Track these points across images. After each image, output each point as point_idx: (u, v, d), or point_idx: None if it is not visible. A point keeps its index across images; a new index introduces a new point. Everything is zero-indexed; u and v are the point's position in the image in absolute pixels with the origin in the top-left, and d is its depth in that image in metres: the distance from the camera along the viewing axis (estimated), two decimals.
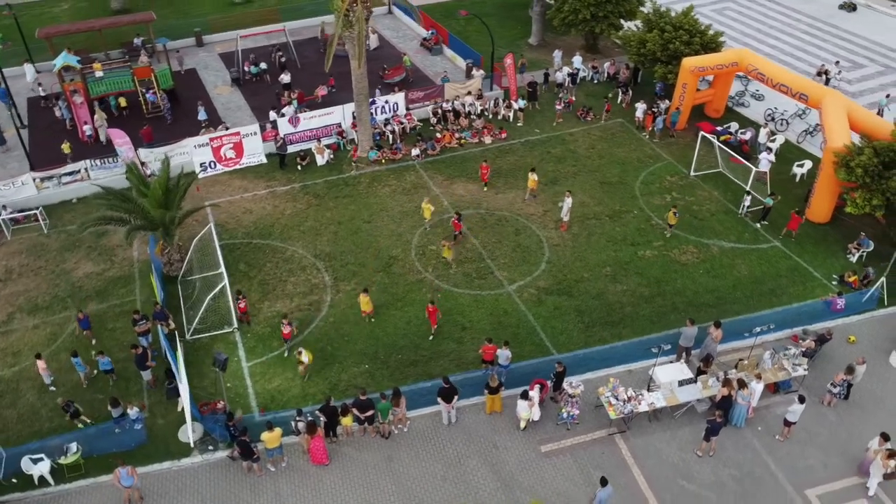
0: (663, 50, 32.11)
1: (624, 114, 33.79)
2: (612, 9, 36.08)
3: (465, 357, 21.74)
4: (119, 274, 24.89)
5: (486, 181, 28.70)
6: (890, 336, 22.25)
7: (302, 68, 37.18)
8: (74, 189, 28.49)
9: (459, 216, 25.66)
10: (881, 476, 17.78)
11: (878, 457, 17.70)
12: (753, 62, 29.49)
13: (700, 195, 28.40)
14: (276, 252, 25.79)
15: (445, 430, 19.68)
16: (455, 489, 18.26)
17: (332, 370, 21.32)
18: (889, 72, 37.31)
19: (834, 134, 25.49)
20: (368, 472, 18.66)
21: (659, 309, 23.33)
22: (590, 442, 19.39)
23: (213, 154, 29.81)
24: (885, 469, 17.57)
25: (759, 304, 23.48)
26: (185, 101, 34.35)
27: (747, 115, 33.61)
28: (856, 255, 25.09)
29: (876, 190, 23.86)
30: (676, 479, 18.48)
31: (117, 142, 27.67)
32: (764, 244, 26.00)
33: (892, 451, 17.54)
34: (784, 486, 18.24)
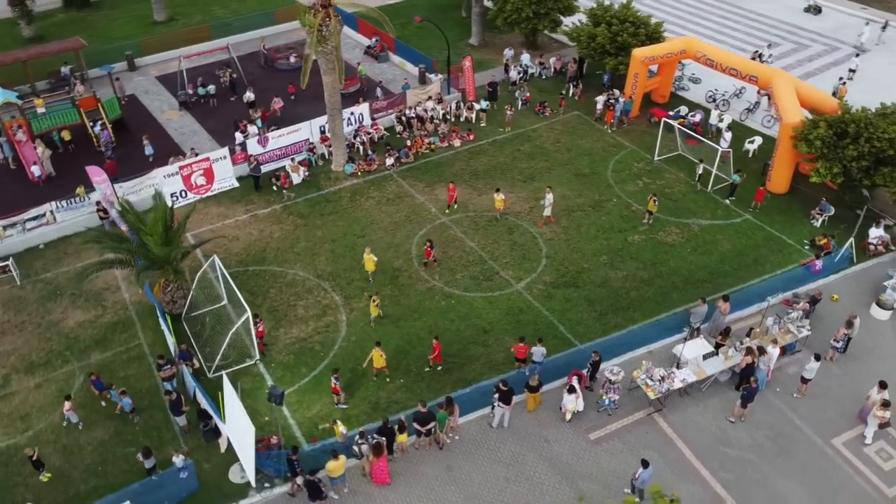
0: (612, 43, 33.62)
1: (578, 106, 35.12)
2: (552, 5, 37.36)
3: (495, 358, 22.23)
4: (115, 319, 23.64)
5: (453, 202, 28.11)
6: (866, 290, 24.52)
7: (250, 84, 36.20)
8: (40, 234, 26.70)
9: (431, 244, 25.27)
10: (876, 426, 19.64)
11: (874, 407, 19.58)
12: (701, 49, 31.45)
13: (668, 178, 30.05)
14: (276, 277, 25.26)
15: (495, 433, 20.12)
16: (519, 488, 18.77)
17: (368, 389, 21.26)
18: (802, 48, 40.58)
19: (788, 111, 27.66)
20: (432, 485, 18.84)
21: (661, 290, 24.65)
22: (632, 424, 20.38)
23: (183, 182, 28.70)
24: (878, 420, 19.43)
25: (747, 275, 25.27)
26: (135, 130, 32.78)
27: (690, 98, 35.68)
28: (819, 220, 27.37)
29: (834, 159, 26.15)
30: (718, 446, 19.76)
31: (95, 179, 26.15)
32: (737, 218, 27.90)
33: (887, 402, 19.41)
34: (813, 438, 19.89)
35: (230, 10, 45.50)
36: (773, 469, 19.14)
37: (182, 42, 39.24)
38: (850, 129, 25.86)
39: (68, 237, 27.09)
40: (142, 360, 22.17)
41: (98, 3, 46.48)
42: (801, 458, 19.41)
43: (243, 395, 20.85)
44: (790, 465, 19.23)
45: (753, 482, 18.83)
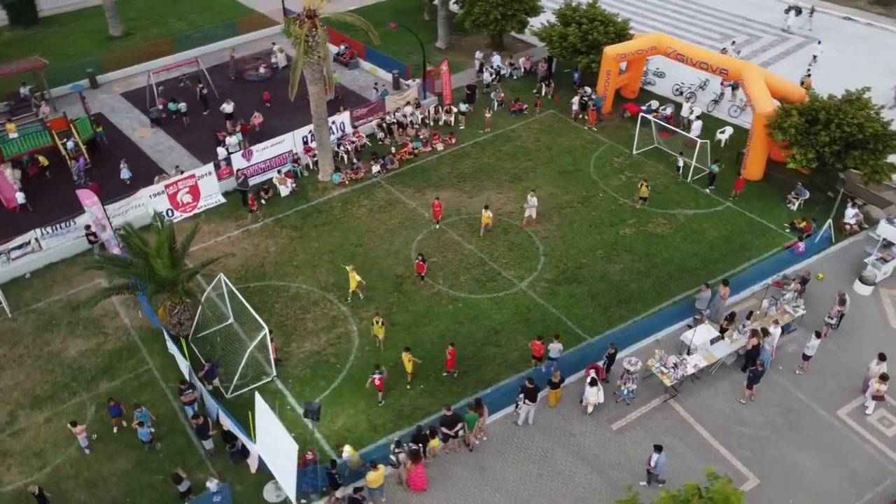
0: (583, 41, 34.42)
1: (553, 105, 35.81)
2: (519, 7, 37.98)
3: (510, 357, 22.63)
4: (119, 345, 23.05)
5: (439, 219, 27.77)
6: (848, 268, 25.90)
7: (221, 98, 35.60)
8: (26, 263, 25.75)
9: (423, 258, 25.08)
10: (872, 399, 20.85)
11: (874, 379, 20.80)
12: (671, 45, 32.52)
13: (649, 171, 30.99)
14: (279, 292, 25.05)
15: (521, 431, 20.52)
16: (553, 483, 19.21)
17: (391, 397, 21.35)
18: (754, 40, 42.31)
19: (760, 101, 28.93)
20: (468, 487, 19.11)
21: (658, 280, 25.49)
22: (651, 412, 21.08)
23: (169, 201, 28.11)
24: (874, 392, 20.64)
25: (736, 261, 26.35)
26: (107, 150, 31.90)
27: (657, 92, 36.84)
28: (795, 204, 28.73)
29: (807, 145, 27.49)
30: (734, 426, 20.63)
31: (86, 203, 25.32)
32: (718, 206, 29.02)
33: (885, 375, 20.66)
34: (819, 412, 20.97)
35: (188, 21, 44.55)
36: (787, 443, 20.12)
37: (145, 57, 38.26)
38: (821, 116, 27.24)
39: (55, 264, 26.23)
40: (154, 386, 21.70)
41: (47, 20, 44.81)
42: (811, 431, 20.45)
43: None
44: (802, 439, 20.25)
45: (771, 458, 19.76)
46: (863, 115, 26.70)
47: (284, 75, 38.67)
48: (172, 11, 46.13)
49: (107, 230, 25.22)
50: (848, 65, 38.66)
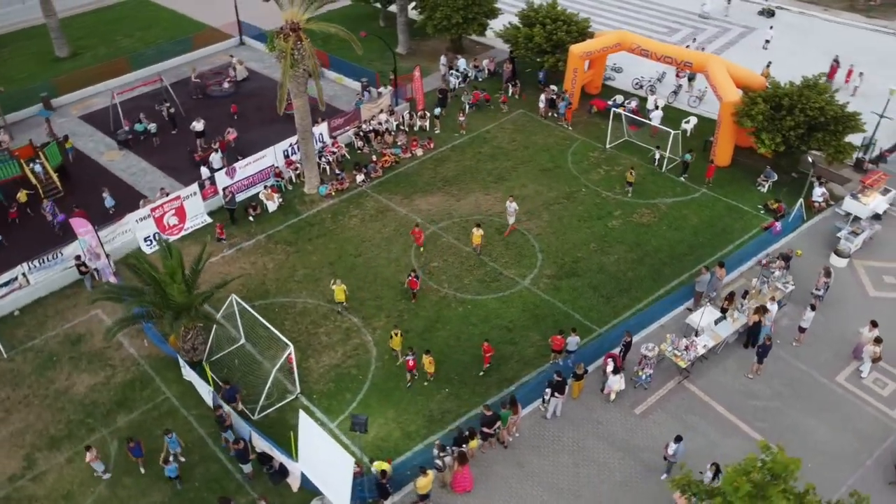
0: (548, 41, 35.34)
1: (521, 104, 36.60)
2: (478, 10, 38.62)
3: (526, 354, 23.21)
4: (129, 376, 22.41)
5: (421, 244, 27.19)
6: (821, 243, 27.58)
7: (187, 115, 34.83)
8: (13, 300, 24.66)
9: (416, 275, 24.91)
10: (870, 361, 22.50)
11: (868, 343, 22.40)
12: (635, 41, 33.79)
13: (625, 163, 32.11)
14: (286, 308, 24.85)
15: (550, 423, 21.11)
16: (590, 471, 19.87)
17: (418, 404, 21.58)
18: (699, 32, 44.25)
19: (726, 91, 30.46)
20: (510, 483, 19.56)
21: (652, 267, 26.56)
22: (668, 394, 22.04)
23: (156, 225, 27.41)
24: (872, 355, 22.29)
25: (720, 243, 27.71)
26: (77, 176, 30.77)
27: (617, 87, 38.13)
28: (765, 186, 30.41)
29: (774, 130, 29.15)
30: (746, 401, 21.80)
31: (79, 231, 24.41)
32: (695, 193, 30.40)
33: (879, 338, 22.30)
34: (820, 379, 22.38)
35: (136, 39, 43.26)
36: (796, 412, 21.42)
37: (101, 77, 37.03)
38: (785, 103, 28.94)
39: (44, 299, 25.25)
40: (175, 414, 21.24)
41: None
42: (816, 398, 21.84)
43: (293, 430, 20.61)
44: (809, 406, 21.60)
45: (785, 427, 20.99)
46: (823, 100, 28.54)
47: (247, 88, 38.37)
48: (117, 29, 44.70)
49: (101, 258, 24.42)
50: (786, 51, 40.92)
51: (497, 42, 41.66)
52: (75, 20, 45.63)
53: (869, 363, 22.28)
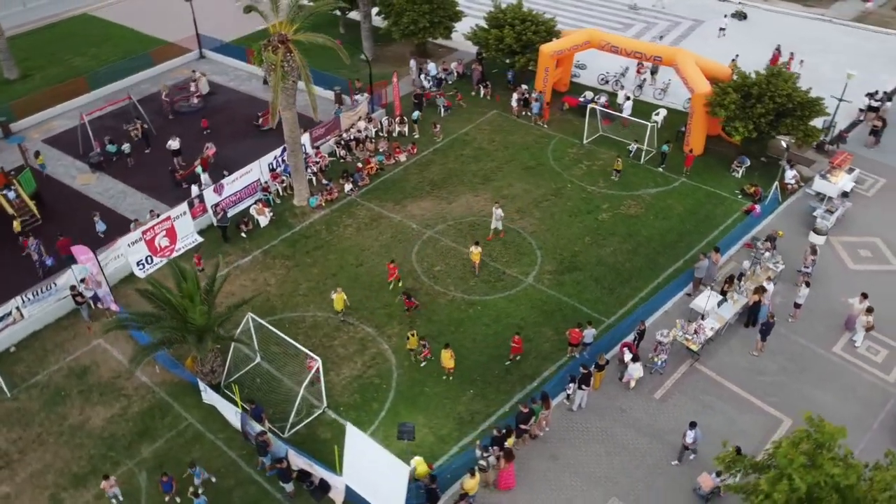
0: (517, 42, 35.96)
1: (494, 105, 37.11)
2: (443, 14, 38.95)
3: (543, 349, 23.70)
4: (147, 405, 21.80)
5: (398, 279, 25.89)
6: (799, 222, 29.06)
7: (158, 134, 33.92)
8: (8, 336, 23.59)
9: (409, 295, 24.50)
10: (864, 331, 23.95)
11: (860, 314, 23.86)
12: (604, 38, 34.76)
13: (605, 157, 33.04)
14: (296, 323, 24.61)
15: (577, 415, 21.66)
16: (622, 458, 20.50)
17: (446, 408, 21.78)
18: (651, 26, 45.79)
19: (696, 83, 31.73)
20: (548, 476, 20.00)
21: (648, 257, 27.46)
22: (682, 377, 22.91)
23: (147, 248, 26.67)
24: (865, 325, 23.76)
25: (707, 229, 28.86)
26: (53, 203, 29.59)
27: (582, 83, 39.09)
28: (739, 172, 31.83)
29: (746, 118, 30.55)
30: (755, 377, 22.87)
31: (81, 259, 23.50)
32: (675, 183, 31.55)
33: (871, 308, 23.76)
34: (819, 352, 23.67)
35: (90, 57, 41.78)
36: (802, 384, 22.60)
37: (60, 98, 35.64)
38: (754, 91, 30.38)
39: (39, 332, 24.27)
40: (202, 440, 20.81)
41: None
42: (818, 370, 23.09)
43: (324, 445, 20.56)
44: (813, 378, 22.82)
45: (794, 399, 22.10)
46: (790, 87, 30.10)
47: (214, 103, 37.64)
48: (67, 48, 43.05)
49: (102, 286, 23.65)
50: (730, 41, 42.55)
51: (460, 45, 42.13)
52: (17, 40, 43.57)
53: (862, 333, 23.70)
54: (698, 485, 19.44)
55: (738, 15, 44.58)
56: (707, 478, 19.31)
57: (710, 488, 19.20)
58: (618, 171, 31.18)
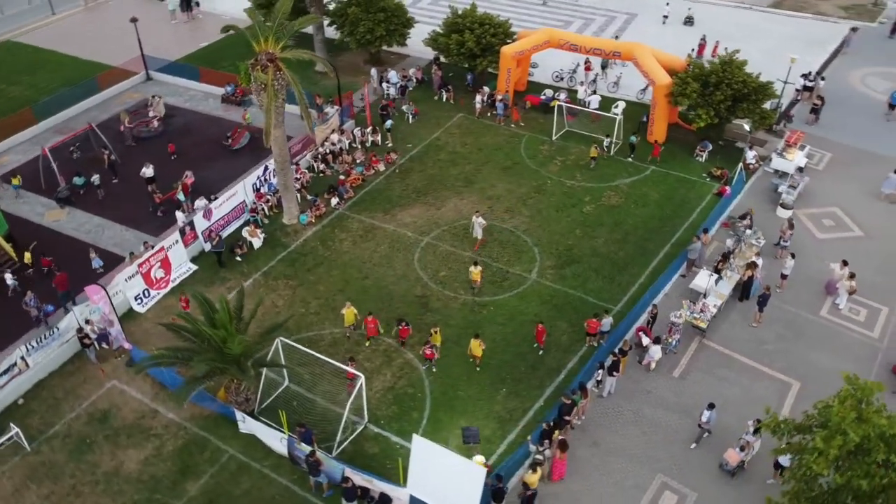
0: (478, 45, 36.69)
1: (459, 108, 37.69)
2: (398, 21, 39.22)
3: (562, 342, 24.57)
4: (181, 442, 21.22)
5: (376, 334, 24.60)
6: (764, 199, 31.16)
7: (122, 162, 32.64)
8: (14, 389, 22.33)
9: (405, 322, 24.15)
10: (847, 294, 26.10)
11: (842, 280, 25.97)
12: (563, 37, 35.99)
13: (576, 152, 34.26)
14: (315, 342, 24.44)
15: (607, 401, 22.65)
16: (658, 436, 21.64)
17: (484, 409, 22.28)
18: (589, 22, 47.57)
19: (657, 75, 33.41)
20: (595, 462, 20.88)
21: (637, 244, 28.77)
22: (695, 354, 24.30)
23: (144, 281, 25.78)
24: (848, 289, 25.90)
25: (684, 213, 30.52)
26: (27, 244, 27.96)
27: (540, 81, 40.23)
28: (703, 156, 33.77)
29: (707, 105, 32.45)
30: (759, 346, 24.54)
31: (94, 298, 22.42)
32: (646, 171, 33.12)
33: (853, 273, 25.91)
34: (808, 317, 25.62)
35: (25, 86, 39.54)
36: (801, 349, 24.42)
37: (7, 131, 33.68)
38: (712, 79, 32.32)
39: (44, 381, 23.13)
40: (248, 470, 20.48)
41: None
42: (812, 334, 24.99)
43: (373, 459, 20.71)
44: (809, 342, 24.68)
45: (799, 363, 23.88)
46: (743, 73, 32.22)
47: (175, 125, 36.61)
48: None
49: (114, 325, 22.77)
50: (662, 30, 44.95)
51: (411, 51, 42.47)
52: None
53: (845, 296, 25.83)
54: (725, 460, 20.67)
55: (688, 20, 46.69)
56: (733, 453, 20.58)
57: (737, 462, 20.53)
58: (594, 159, 32.51)
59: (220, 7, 49.25)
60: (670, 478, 20.53)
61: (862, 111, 37.19)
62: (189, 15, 47.35)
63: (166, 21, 46.91)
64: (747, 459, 20.66)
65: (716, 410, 21.16)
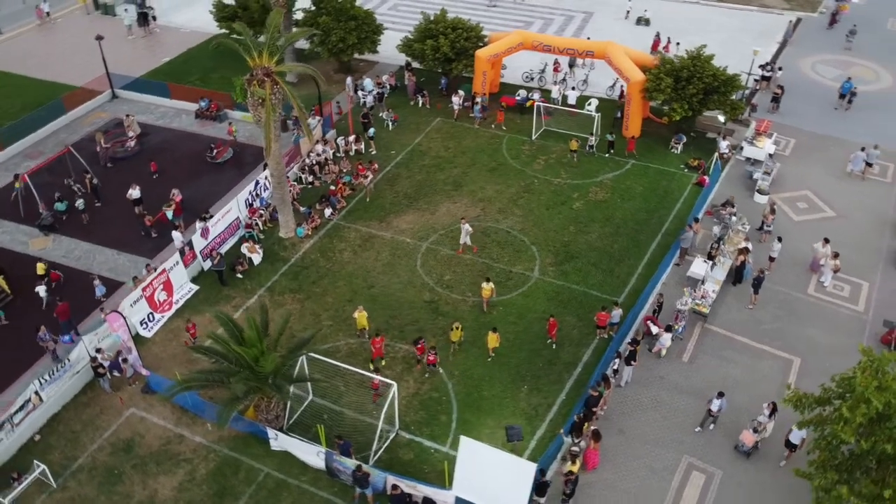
0: (452, 49, 37.15)
1: (436, 112, 38.06)
2: (367, 29, 39.34)
3: (573, 336, 25.29)
4: (214, 465, 20.98)
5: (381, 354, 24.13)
6: (741, 186, 32.63)
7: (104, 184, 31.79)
8: (29, 425, 21.63)
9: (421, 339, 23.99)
10: (831, 272, 27.66)
11: (826, 258, 27.53)
12: (536, 38, 36.81)
13: (557, 150, 35.10)
14: (332, 354, 24.32)
15: (626, 390, 23.46)
16: (678, 419, 22.57)
17: (509, 407, 22.78)
18: (549, 22, 48.61)
19: (630, 73, 34.55)
20: (623, 449, 21.64)
21: (629, 237, 29.76)
22: (699, 338, 25.38)
23: (148, 305, 25.28)
24: (833, 268, 27.48)
25: (668, 203, 31.72)
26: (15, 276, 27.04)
27: (509, 82, 40.96)
28: (678, 148, 35.10)
29: (680, 99, 33.76)
30: (758, 326, 25.80)
31: (114, 326, 21.83)
32: (627, 166, 34.22)
33: (836, 253, 27.48)
34: (798, 295, 27.04)
35: None
36: (796, 327, 25.80)
37: None
38: (684, 74, 33.67)
39: (59, 415, 22.50)
40: (286, 488, 20.45)
41: None
42: (803, 312, 26.41)
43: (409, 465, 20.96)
44: (802, 319, 26.08)
45: (795, 341, 25.21)
46: (713, 67, 33.67)
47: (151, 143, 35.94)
48: None
49: (132, 352, 22.30)
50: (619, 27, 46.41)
51: (381, 57, 42.57)
52: None
53: (830, 274, 27.39)
54: (741, 442, 21.65)
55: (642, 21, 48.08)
56: (748, 434, 21.57)
57: (752, 444, 21.58)
58: (574, 152, 33.47)
59: (176, 20, 48.28)
60: (696, 458, 21.49)
61: (816, 98, 39.27)
62: (146, 30, 46.26)
63: (122, 37, 45.66)
64: (760, 440, 21.72)
65: (725, 399, 22.02)
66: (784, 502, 20.21)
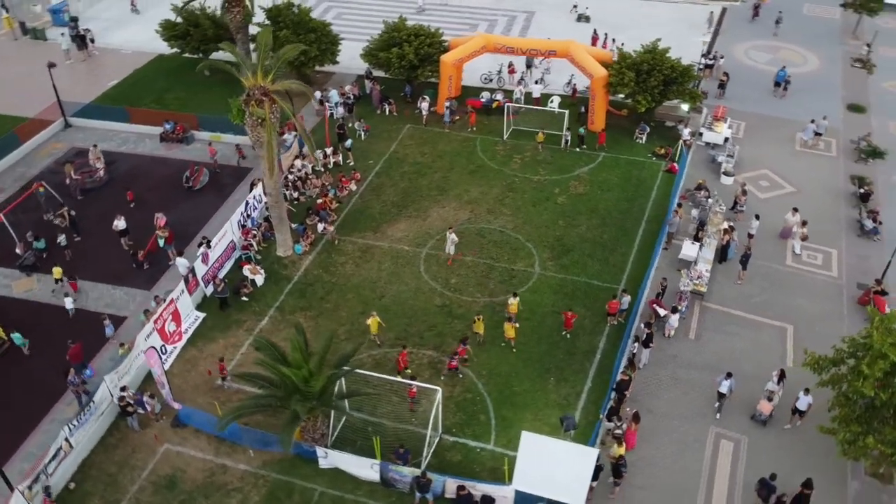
0: (416, 56, 37.58)
1: (404, 119, 38.41)
2: (326, 41, 39.24)
3: (586, 326, 26.38)
4: (265, 490, 20.84)
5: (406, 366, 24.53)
6: (707, 169, 34.61)
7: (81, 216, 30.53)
8: (62, 473, 20.76)
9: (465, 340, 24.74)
10: (800, 240, 29.91)
11: (795, 227, 29.76)
12: (499, 41, 37.73)
13: (529, 149, 36.14)
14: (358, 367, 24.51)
15: (644, 371, 24.71)
16: (697, 392, 24.01)
17: (541, 400, 23.63)
18: (494, 24, 49.65)
19: (593, 69, 36.01)
20: (653, 427, 22.84)
21: (616, 226, 31.15)
22: (701, 316, 26.96)
23: (160, 337, 24.62)
24: (801, 236, 29.73)
25: (644, 191, 33.34)
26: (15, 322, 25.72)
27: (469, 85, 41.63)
28: (643, 138, 36.84)
29: (643, 91, 35.46)
30: (749, 300, 27.64)
31: (151, 362, 21.10)
32: (598, 159, 35.66)
33: (805, 221, 29.73)
34: (778, 267, 29.09)
35: None
36: (783, 297, 27.73)
37: None
38: (644, 68, 35.41)
39: (89, 459, 21.77)
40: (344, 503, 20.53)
41: None
42: (786, 282, 28.46)
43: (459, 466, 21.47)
44: (787, 290, 28.09)
45: (785, 310, 27.12)
46: (670, 60, 35.57)
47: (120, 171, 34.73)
48: None
49: (164, 387, 21.74)
50: (557, 24, 48.04)
51: (338, 68, 42.48)
52: None
53: (799, 242, 29.62)
54: (759, 411, 23.16)
55: (583, 18, 49.74)
56: (765, 403, 23.19)
57: (769, 412, 23.19)
58: (541, 143, 34.69)
59: (114, 41, 46.47)
60: (721, 428, 22.98)
61: (755, 82, 41.94)
62: (86, 53, 44.32)
63: (60, 62, 43.52)
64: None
65: (733, 379, 23.28)
66: (810, 457, 21.92)
